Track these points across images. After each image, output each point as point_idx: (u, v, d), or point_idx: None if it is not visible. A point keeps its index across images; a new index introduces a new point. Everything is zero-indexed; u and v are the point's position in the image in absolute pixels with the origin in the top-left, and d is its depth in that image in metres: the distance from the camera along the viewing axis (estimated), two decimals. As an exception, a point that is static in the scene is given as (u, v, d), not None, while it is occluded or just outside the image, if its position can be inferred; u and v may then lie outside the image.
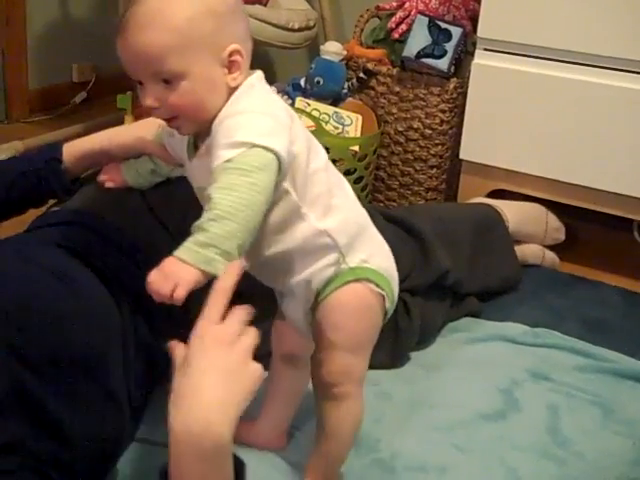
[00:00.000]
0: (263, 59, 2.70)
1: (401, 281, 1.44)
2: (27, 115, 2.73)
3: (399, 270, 1.44)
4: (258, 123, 0.94)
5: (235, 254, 0.88)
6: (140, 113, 2.05)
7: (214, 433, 0.80)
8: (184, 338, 0.87)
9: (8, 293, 0.97)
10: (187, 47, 0.94)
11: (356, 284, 1.03)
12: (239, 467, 0.88)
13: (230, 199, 0.89)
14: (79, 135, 1.22)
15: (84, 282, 1.07)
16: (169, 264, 0.87)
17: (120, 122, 1.74)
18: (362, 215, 1.08)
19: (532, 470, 1.22)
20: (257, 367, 0.87)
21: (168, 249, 0.87)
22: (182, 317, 1.06)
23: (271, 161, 0.91)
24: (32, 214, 1.31)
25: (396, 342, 1.44)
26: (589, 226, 2.03)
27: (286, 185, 0.97)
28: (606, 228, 2.04)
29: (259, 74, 1.02)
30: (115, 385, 1.04)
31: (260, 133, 0.92)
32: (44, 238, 1.17)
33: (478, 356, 1.51)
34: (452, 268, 1.52)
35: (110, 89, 2.54)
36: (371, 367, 1.41)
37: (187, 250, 0.87)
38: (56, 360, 0.96)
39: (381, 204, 2.12)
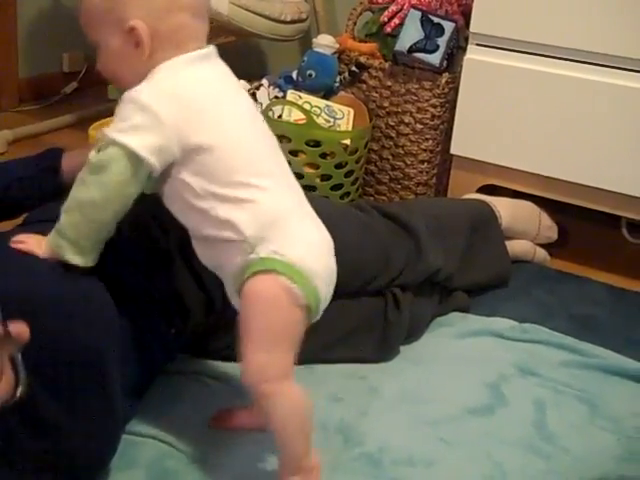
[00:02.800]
0: (255, 51, 2.70)
1: (393, 279, 1.47)
2: (17, 104, 2.72)
3: (392, 266, 1.46)
4: (129, 117, 1.00)
5: (84, 245, 1.02)
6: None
7: None
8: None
9: (10, 285, 0.96)
10: (94, 19, 1.06)
11: (264, 275, 0.99)
12: None
13: (79, 194, 1.01)
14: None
15: (84, 278, 1.06)
16: (35, 237, 1.06)
17: (111, 113, 1.71)
18: (285, 207, 1.04)
19: (518, 464, 1.22)
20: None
21: (161, 243, 0.88)
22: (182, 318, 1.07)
23: (125, 159, 0.98)
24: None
25: (385, 335, 1.45)
26: (579, 223, 2.03)
27: (185, 177, 1.01)
28: (595, 225, 2.05)
29: (193, 55, 1.04)
30: (114, 387, 1.04)
31: (122, 129, 0.99)
32: (42, 233, 1.16)
33: (466, 351, 1.52)
34: (444, 266, 1.53)
35: (101, 79, 2.51)
36: (359, 361, 1.45)
37: (52, 232, 1.03)
38: (55, 357, 0.96)
39: (371, 198, 2.12)
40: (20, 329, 0.82)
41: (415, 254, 1.49)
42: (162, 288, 1.20)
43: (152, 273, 1.20)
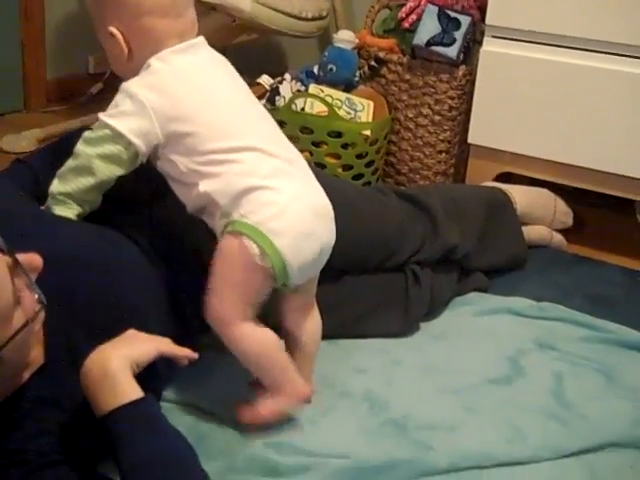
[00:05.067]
0: (276, 48, 2.77)
1: (412, 255, 1.53)
2: (44, 105, 2.79)
3: (410, 242, 1.51)
4: (119, 104, 1.17)
5: (70, 203, 1.20)
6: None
7: (103, 362, 0.98)
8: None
9: (59, 245, 1.07)
10: (95, 27, 1.22)
11: (230, 235, 1.13)
12: None
13: (71, 162, 1.19)
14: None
15: (121, 240, 1.15)
16: None
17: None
18: (261, 174, 1.14)
19: (537, 429, 1.27)
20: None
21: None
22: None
23: (110, 138, 1.16)
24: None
25: (407, 310, 1.50)
26: (593, 210, 2.08)
27: (172, 157, 1.16)
28: (610, 211, 2.09)
29: (175, 49, 1.18)
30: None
31: (112, 114, 1.17)
32: None
33: (485, 327, 1.57)
34: (461, 243, 1.58)
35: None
36: (382, 335, 1.51)
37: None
38: (104, 313, 1.04)
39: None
40: (31, 258, 0.92)
41: (432, 231, 1.55)
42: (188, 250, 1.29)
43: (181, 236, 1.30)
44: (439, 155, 2.09)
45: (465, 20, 1.97)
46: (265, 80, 1.98)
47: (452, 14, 1.98)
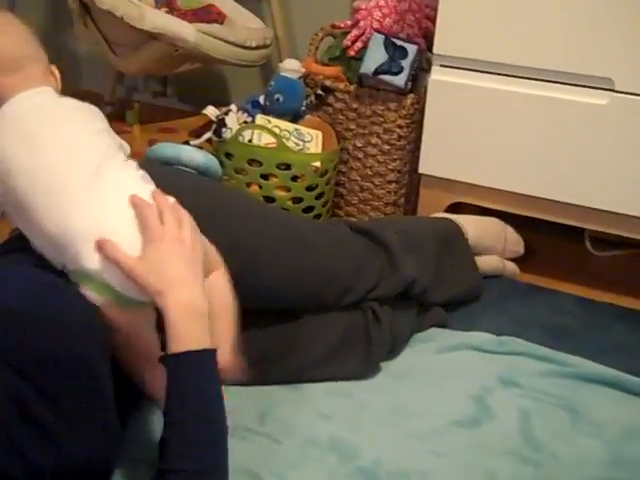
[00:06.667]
0: (217, 77, 2.71)
1: (369, 290, 1.49)
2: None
3: (366, 278, 1.49)
4: None
5: None
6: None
7: (198, 301, 1.07)
8: None
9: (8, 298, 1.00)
10: None
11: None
12: None
13: None
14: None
15: (74, 292, 1.07)
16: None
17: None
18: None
19: (510, 473, 1.25)
20: (200, 242, 1.14)
21: None
22: None
23: None
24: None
25: (368, 351, 1.47)
26: (544, 238, 2.08)
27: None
28: (560, 239, 2.10)
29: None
30: (108, 393, 1.04)
31: None
32: (19, 260, 1.17)
33: (448, 365, 1.54)
34: (418, 277, 1.55)
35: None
36: (343, 378, 1.47)
37: None
38: (52, 368, 0.97)
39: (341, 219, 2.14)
40: None
41: (389, 266, 1.52)
42: None
43: None
44: (389, 185, 2.06)
45: (412, 49, 1.95)
46: (211, 112, 1.93)
47: (398, 42, 1.96)
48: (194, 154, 1.59)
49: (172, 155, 1.56)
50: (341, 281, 1.47)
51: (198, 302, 1.06)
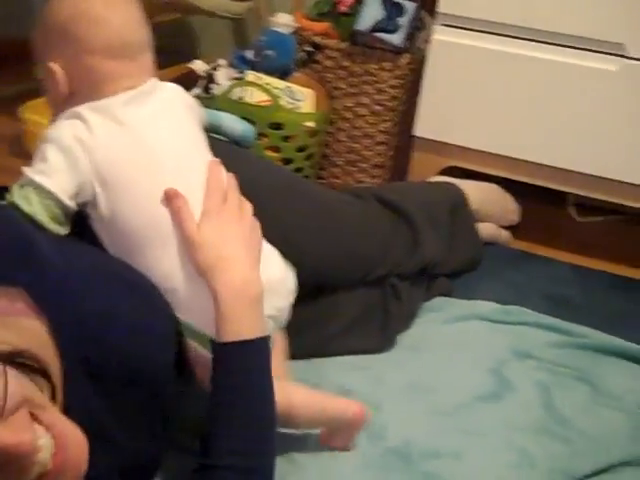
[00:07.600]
0: (185, 31, 2.58)
1: (392, 268, 1.44)
2: None
3: (391, 257, 1.44)
4: (47, 157, 1.02)
5: None
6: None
7: (254, 285, 1.00)
8: None
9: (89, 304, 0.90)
10: (36, 51, 1.10)
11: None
12: None
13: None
14: None
15: (153, 291, 0.99)
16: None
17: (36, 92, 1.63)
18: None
19: (541, 450, 1.22)
20: (257, 224, 1.07)
21: None
22: None
23: (40, 198, 1.00)
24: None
25: (385, 326, 1.42)
26: (531, 205, 2.05)
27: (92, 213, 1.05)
28: (544, 205, 2.07)
29: (107, 102, 1.05)
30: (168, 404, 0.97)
31: (41, 170, 1.01)
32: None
33: (458, 336, 1.51)
34: (437, 255, 1.51)
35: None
36: (360, 352, 1.42)
37: None
38: (131, 377, 0.89)
39: (324, 181, 2.07)
40: None
41: (413, 242, 1.47)
42: None
43: None
44: (378, 147, 2.00)
45: (410, 6, 1.87)
46: (199, 66, 1.82)
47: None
48: (235, 124, 1.45)
49: (212, 122, 1.38)
50: (369, 261, 1.42)
51: (254, 286, 1.00)
